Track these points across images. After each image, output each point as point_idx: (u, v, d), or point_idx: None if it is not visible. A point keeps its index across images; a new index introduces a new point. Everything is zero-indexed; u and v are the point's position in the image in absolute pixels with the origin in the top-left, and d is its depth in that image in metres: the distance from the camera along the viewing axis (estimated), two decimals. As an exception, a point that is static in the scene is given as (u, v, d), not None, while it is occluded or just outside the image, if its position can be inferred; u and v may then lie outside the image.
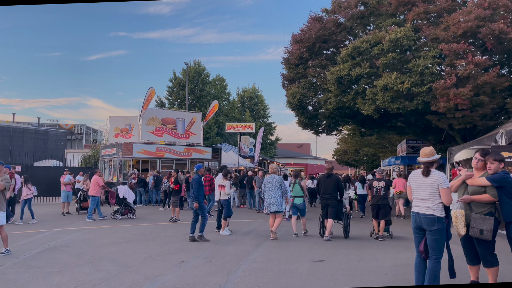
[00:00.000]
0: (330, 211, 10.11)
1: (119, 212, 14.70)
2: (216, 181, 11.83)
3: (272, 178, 10.34)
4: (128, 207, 14.93)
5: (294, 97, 20.60)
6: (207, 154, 24.72)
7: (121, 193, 14.85)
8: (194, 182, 10.06)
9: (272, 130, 55.95)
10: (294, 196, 11.01)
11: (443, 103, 15.49)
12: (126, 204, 14.89)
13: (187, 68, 36.89)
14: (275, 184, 10.19)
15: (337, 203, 10.23)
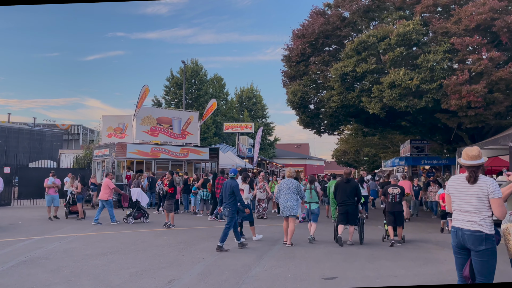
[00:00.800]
0: (351, 218, 9.93)
1: (131, 216, 13.97)
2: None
3: (289, 182, 9.93)
4: (141, 210, 14.25)
5: (295, 95, 19.54)
6: (204, 155, 23.64)
7: (134, 196, 14.20)
8: (235, 188, 9.43)
9: (270, 130, 54.86)
10: (309, 202, 10.70)
11: (454, 101, 14.45)
12: (139, 208, 14.20)
13: (184, 67, 35.77)
14: (292, 188, 9.81)
15: (356, 209, 10.04)
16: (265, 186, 16.17)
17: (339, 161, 52.45)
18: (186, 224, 14.14)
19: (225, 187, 9.53)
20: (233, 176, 9.71)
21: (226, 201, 9.45)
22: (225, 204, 9.46)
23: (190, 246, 9.89)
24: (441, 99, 15.16)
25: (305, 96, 19.50)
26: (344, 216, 9.93)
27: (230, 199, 9.37)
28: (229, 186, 9.44)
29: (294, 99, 19.70)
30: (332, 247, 9.98)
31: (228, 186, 9.45)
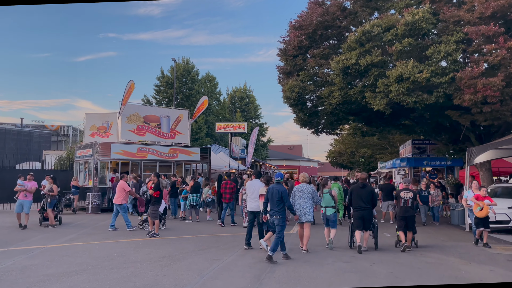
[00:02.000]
0: (366, 223, 9.68)
1: (147, 222, 12.69)
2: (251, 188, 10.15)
3: (304, 187, 9.51)
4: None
5: (292, 91, 18.03)
6: (195, 156, 22.03)
7: None
8: (284, 193, 8.69)
9: (264, 131, 53.34)
10: (325, 206, 10.18)
11: (469, 95, 13.05)
12: None
13: (175, 65, 34.06)
14: (307, 194, 9.38)
15: (372, 214, 9.81)
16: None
17: (333, 163, 51.13)
18: (172, 232, 12.56)
19: (271, 193, 8.77)
20: (279, 181, 8.96)
21: (274, 208, 8.66)
22: (273, 212, 8.66)
23: (174, 261, 8.31)
24: (453, 94, 13.76)
25: (303, 92, 18.00)
26: (360, 221, 9.60)
27: (279, 205, 8.64)
28: (277, 191, 8.68)
29: (291, 96, 18.19)
30: (343, 261, 8.52)
31: (275, 192, 8.69)
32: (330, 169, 70.37)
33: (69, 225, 14.10)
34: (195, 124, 41.61)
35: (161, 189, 11.57)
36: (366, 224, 9.67)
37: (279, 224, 8.53)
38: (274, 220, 8.62)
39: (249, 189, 10.21)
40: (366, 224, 9.66)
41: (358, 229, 9.59)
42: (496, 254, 9.38)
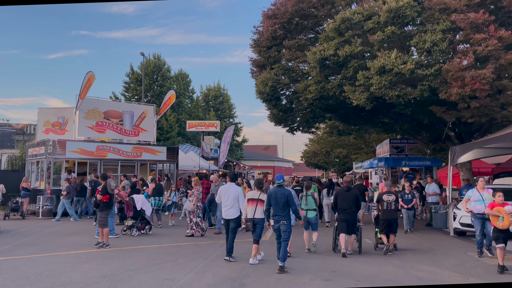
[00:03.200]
0: (351, 227, 9.35)
1: (135, 227, 11.93)
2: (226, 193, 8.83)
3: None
4: (145, 220, 12.25)
5: (265, 85, 16.53)
6: (161, 155, 20.27)
7: (139, 204, 12.07)
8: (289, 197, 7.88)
9: (238, 131, 51.70)
10: (307, 209, 9.63)
11: (456, 89, 11.87)
12: (143, 217, 12.12)
13: (145, 61, 32.00)
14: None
15: (356, 218, 9.55)
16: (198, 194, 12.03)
17: (308, 163, 50.05)
18: (127, 241, 10.86)
19: (275, 197, 7.88)
20: (281, 183, 8.12)
21: (279, 213, 7.84)
22: (279, 217, 7.83)
23: (114, 283, 6.66)
24: (439, 88, 12.58)
25: (277, 86, 16.52)
26: (345, 225, 9.29)
27: (285, 210, 7.86)
28: (281, 195, 7.85)
29: (264, 90, 16.69)
30: (322, 278, 7.07)
31: (280, 196, 7.84)
32: (305, 170, 69.44)
33: (8, 233, 12.18)
34: (166, 123, 39.67)
35: (111, 193, 9.82)
36: (351, 228, 9.34)
37: (286, 230, 7.81)
38: (280, 226, 7.81)
39: (223, 193, 8.84)
40: (350, 228, 9.33)
41: (342, 232, 9.30)
42: (495, 266, 8.15)
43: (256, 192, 8.30)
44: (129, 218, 12.00)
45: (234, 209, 8.59)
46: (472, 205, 9.41)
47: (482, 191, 9.36)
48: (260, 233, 8.23)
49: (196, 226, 11.62)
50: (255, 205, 8.15)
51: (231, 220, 8.60)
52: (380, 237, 9.85)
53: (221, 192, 8.86)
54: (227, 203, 8.66)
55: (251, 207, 8.16)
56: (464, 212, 13.02)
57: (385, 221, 9.64)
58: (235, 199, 8.60)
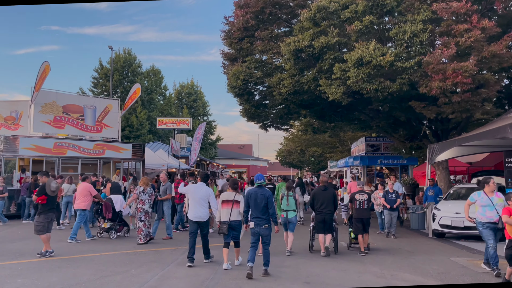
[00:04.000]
0: (328, 227, 9.19)
1: (113, 229, 11.22)
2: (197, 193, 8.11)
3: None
4: (123, 222, 11.64)
5: (236, 78, 15.49)
6: (126, 153, 18.91)
7: (118, 206, 11.41)
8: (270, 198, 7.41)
9: (212, 129, 50.43)
10: (287, 210, 9.28)
11: (437, 82, 11.14)
12: (121, 219, 11.52)
13: (114, 55, 30.33)
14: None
15: (333, 218, 9.36)
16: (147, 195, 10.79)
17: (283, 162, 49.29)
18: (77, 248, 9.60)
19: (254, 198, 7.34)
20: (261, 184, 7.58)
21: (260, 215, 7.29)
22: (259, 220, 7.27)
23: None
24: (419, 82, 11.84)
25: (249, 79, 15.49)
26: (322, 225, 9.15)
27: (266, 213, 7.33)
28: (262, 197, 7.33)
29: (235, 83, 15.64)
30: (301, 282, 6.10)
31: (260, 197, 7.32)
32: (280, 169, 68.72)
33: None
34: (137, 120, 38.06)
35: (50, 194, 8.50)
36: (327, 227, 9.16)
37: (268, 234, 7.29)
38: (261, 231, 7.24)
39: (193, 194, 8.12)
40: (327, 227, 9.15)
41: (319, 232, 9.18)
42: (483, 274, 7.36)
43: (231, 193, 7.72)
44: (106, 220, 11.24)
45: (204, 211, 7.97)
46: (480, 211, 7.64)
47: (491, 194, 7.61)
48: (239, 235, 7.79)
49: (138, 231, 10.31)
50: (230, 207, 7.61)
51: (200, 223, 7.96)
52: (354, 237, 9.73)
53: (190, 192, 8.20)
54: (196, 204, 7.97)
55: (226, 209, 7.62)
56: (444, 213, 12.38)
57: (359, 220, 9.47)
58: (205, 200, 7.98)
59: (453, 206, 12.04)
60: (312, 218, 9.59)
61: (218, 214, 7.70)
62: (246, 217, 7.49)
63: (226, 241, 7.67)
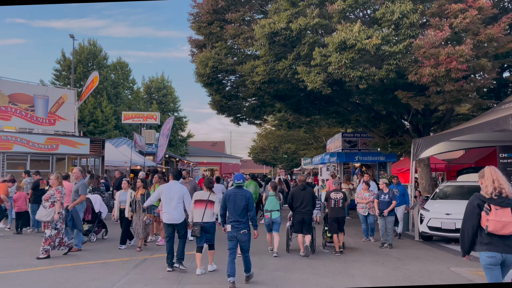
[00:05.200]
0: (307, 227, 8.85)
1: (92, 231, 10.26)
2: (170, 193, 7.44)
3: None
4: (102, 223, 10.62)
5: (205, 65, 13.82)
6: (83, 148, 16.89)
7: (97, 206, 10.40)
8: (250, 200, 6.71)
9: (183, 126, 48.31)
10: (271, 210, 8.93)
11: (428, 69, 9.85)
12: (99, 220, 10.51)
13: (73, 42, 27.86)
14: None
15: (311, 217, 9.05)
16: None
17: (256, 159, 47.80)
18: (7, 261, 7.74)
19: (233, 199, 6.68)
20: (240, 184, 6.91)
21: (239, 218, 6.61)
22: (238, 224, 6.59)
23: None
24: (408, 68, 10.52)
25: (219, 67, 13.82)
26: (301, 225, 8.89)
27: (245, 216, 6.68)
28: (241, 197, 6.68)
29: (204, 71, 13.96)
30: None
31: (240, 198, 6.67)
32: (252, 166, 67.26)
33: None
34: (102, 115, 35.65)
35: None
36: (307, 227, 8.83)
37: (247, 240, 6.61)
38: (239, 236, 6.51)
39: (165, 193, 7.42)
40: (306, 227, 8.82)
41: (298, 232, 8.90)
42: None
43: (205, 193, 7.09)
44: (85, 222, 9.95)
45: (178, 212, 7.31)
46: None
47: None
48: (213, 238, 7.16)
49: (45, 242, 8.14)
50: (203, 208, 6.98)
51: (176, 225, 7.34)
52: (329, 236, 9.48)
53: (163, 192, 7.44)
54: (170, 205, 7.29)
55: (199, 209, 6.99)
56: (433, 214, 11.16)
57: (334, 220, 9.19)
58: (179, 200, 7.32)
59: (442, 207, 10.83)
60: (289, 218, 9.29)
61: (191, 214, 7.04)
62: (224, 219, 6.74)
63: (199, 245, 7.00)
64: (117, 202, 9.66)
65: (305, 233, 8.80)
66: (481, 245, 4.22)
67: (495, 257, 4.14)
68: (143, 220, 8.97)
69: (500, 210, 4.12)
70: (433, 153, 12.96)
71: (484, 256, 4.20)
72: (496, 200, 4.15)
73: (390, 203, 9.82)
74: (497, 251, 4.13)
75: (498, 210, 4.12)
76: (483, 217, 4.20)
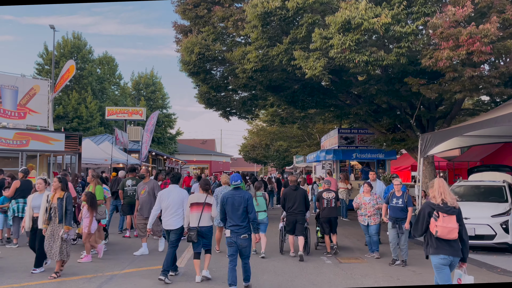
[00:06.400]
0: (299, 228, 8.45)
1: None
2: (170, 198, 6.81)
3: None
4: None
5: (190, 51, 12.25)
6: (57, 144, 15.17)
7: None
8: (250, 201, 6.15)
9: (172, 123, 46.50)
10: (258, 211, 8.16)
11: (447, 51, 8.43)
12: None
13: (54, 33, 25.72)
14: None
15: (305, 218, 8.63)
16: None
17: (246, 157, 46.28)
18: None
19: (231, 202, 6.06)
20: (238, 185, 6.23)
21: (239, 222, 5.99)
22: (238, 229, 5.99)
23: None
24: (422, 51, 9.09)
25: (206, 53, 12.23)
26: (293, 226, 8.53)
27: (245, 219, 6.05)
28: (239, 199, 6.06)
29: (189, 59, 12.39)
30: None
31: (238, 200, 6.06)
32: (243, 164, 65.76)
33: None
34: (86, 111, 33.83)
35: None
36: (300, 229, 8.49)
37: (248, 245, 6.13)
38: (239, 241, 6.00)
39: (164, 198, 6.85)
40: (299, 229, 8.49)
41: (291, 233, 8.64)
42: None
43: (202, 195, 6.64)
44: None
45: (177, 218, 6.77)
46: None
47: None
48: (210, 243, 6.71)
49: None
50: (200, 211, 6.50)
51: (172, 231, 6.77)
52: (321, 236, 9.16)
53: (162, 197, 6.89)
54: (169, 211, 6.77)
55: (195, 213, 6.51)
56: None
57: (327, 220, 8.79)
58: (179, 205, 6.78)
59: (460, 210, 9.48)
60: (282, 218, 8.96)
61: (187, 219, 6.56)
62: (225, 223, 6.22)
63: (196, 251, 6.48)
64: (28, 208, 7.35)
65: (297, 234, 8.48)
66: (432, 248, 4.75)
67: (446, 259, 4.69)
68: (59, 235, 6.56)
69: (447, 217, 4.65)
70: (443, 149, 11.58)
71: (436, 258, 4.73)
72: (443, 208, 4.68)
73: (404, 210, 7.73)
74: (446, 254, 4.68)
75: (445, 217, 4.65)
76: (432, 223, 4.72)
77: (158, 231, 8.82)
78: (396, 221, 7.75)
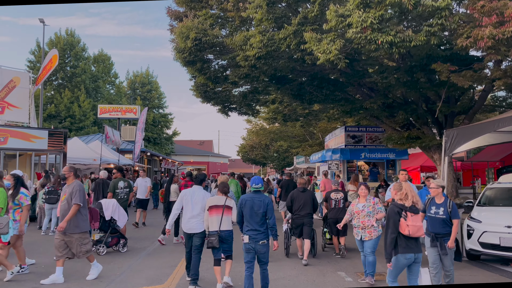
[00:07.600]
0: (307, 231, 8.10)
1: (103, 242, 8.37)
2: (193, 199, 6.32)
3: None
4: (118, 233, 8.62)
5: (185, 37, 10.77)
6: (39, 142, 13.68)
7: (108, 212, 8.38)
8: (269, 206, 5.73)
9: (168, 123, 44.99)
10: None
11: (490, 29, 7.00)
12: (114, 230, 8.51)
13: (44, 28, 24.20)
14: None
15: (312, 221, 8.30)
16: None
17: (245, 158, 44.76)
18: None
19: (250, 206, 5.64)
20: (258, 189, 5.78)
21: (257, 227, 5.58)
22: (257, 234, 5.55)
23: None
24: (458, 30, 7.65)
25: (203, 39, 10.72)
26: (301, 229, 8.19)
27: (264, 224, 5.63)
28: (259, 203, 5.64)
29: (184, 46, 10.90)
30: None
31: (258, 204, 5.64)
32: (241, 166, 64.28)
33: None
34: (79, 110, 32.33)
35: None
36: (307, 232, 8.02)
37: (266, 251, 5.60)
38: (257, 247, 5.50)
39: (187, 200, 6.28)
40: (307, 232, 8.02)
41: (296, 236, 8.26)
42: None
43: (221, 198, 6.16)
44: (95, 230, 8.42)
45: (200, 221, 6.29)
46: None
47: None
48: (231, 248, 6.22)
49: None
50: (220, 214, 6.04)
51: (194, 235, 6.29)
52: (329, 237, 8.99)
53: (184, 198, 6.39)
54: (191, 213, 6.28)
55: (215, 216, 6.03)
56: (488, 226, 8.34)
57: (335, 221, 8.29)
58: (203, 208, 6.25)
59: (499, 217, 8.01)
60: (287, 220, 8.67)
61: (206, 223, 6.14)
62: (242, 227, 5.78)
63: (217, 257, 6.07)
64: None
65: (305, 237, 8.14)
66: (401, 248, 4.96)
67: (410, 258, 4.97)
68: None
69: (415, 216, 4.96)
70: (471, 146, 10.20)
71: (402, 258, 4.95)
72: (411, 208, 4.99)
73: (447, 223, 5.66)
74: (412, 252, 4.96)
75: (413, 217, 4.95)
76: (402, 224, 4.96)
77: (83, 252, 6.40)
78: (436, 238, 5.66)
